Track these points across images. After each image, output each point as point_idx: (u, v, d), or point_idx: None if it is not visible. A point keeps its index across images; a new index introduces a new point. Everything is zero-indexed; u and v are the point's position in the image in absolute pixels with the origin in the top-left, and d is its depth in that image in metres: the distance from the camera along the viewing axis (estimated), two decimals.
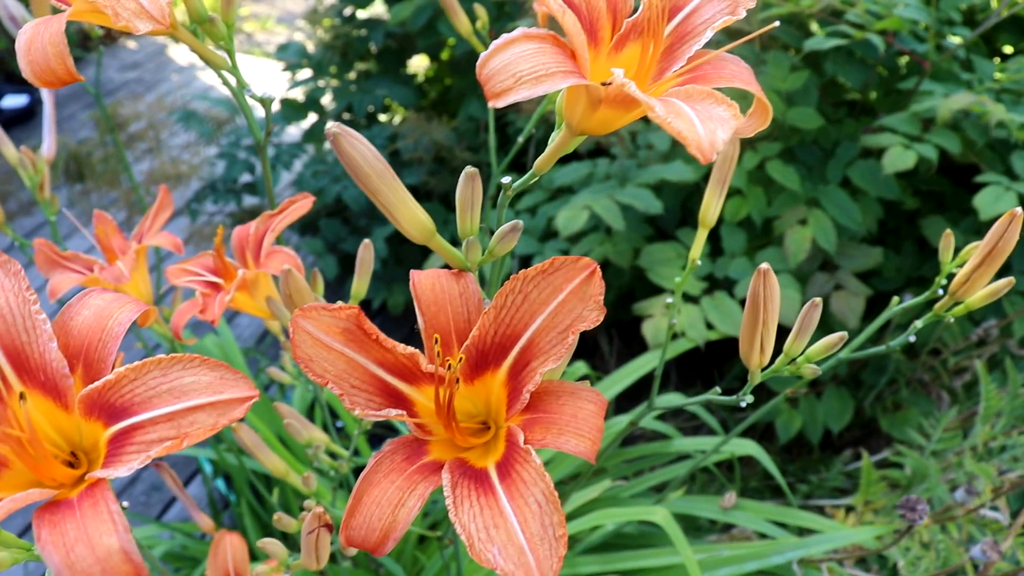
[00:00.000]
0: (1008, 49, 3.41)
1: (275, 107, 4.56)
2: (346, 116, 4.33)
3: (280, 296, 1.30)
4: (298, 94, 4.28)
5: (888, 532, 2.34)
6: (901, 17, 2.64)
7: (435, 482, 0.72)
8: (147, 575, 0.61)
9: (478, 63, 0.66)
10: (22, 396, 0.67)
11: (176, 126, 4.34)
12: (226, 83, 1.12)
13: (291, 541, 1.48)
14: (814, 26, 3.18)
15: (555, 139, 0.82)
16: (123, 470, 0.63)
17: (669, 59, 0.78)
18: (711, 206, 1.23)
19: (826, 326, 3.15)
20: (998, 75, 3.03)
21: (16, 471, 0.69)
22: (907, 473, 2.71)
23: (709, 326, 2.82)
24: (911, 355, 3.19)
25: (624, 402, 3.15)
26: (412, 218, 0.75)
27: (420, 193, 4.08)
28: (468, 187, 0.76)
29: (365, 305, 4.11)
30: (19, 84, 6.03)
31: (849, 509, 2.70)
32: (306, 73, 4.28)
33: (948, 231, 1.29)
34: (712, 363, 3.61)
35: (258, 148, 1.18)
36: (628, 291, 3.36)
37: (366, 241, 1.18)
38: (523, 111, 3.24)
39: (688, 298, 2.89)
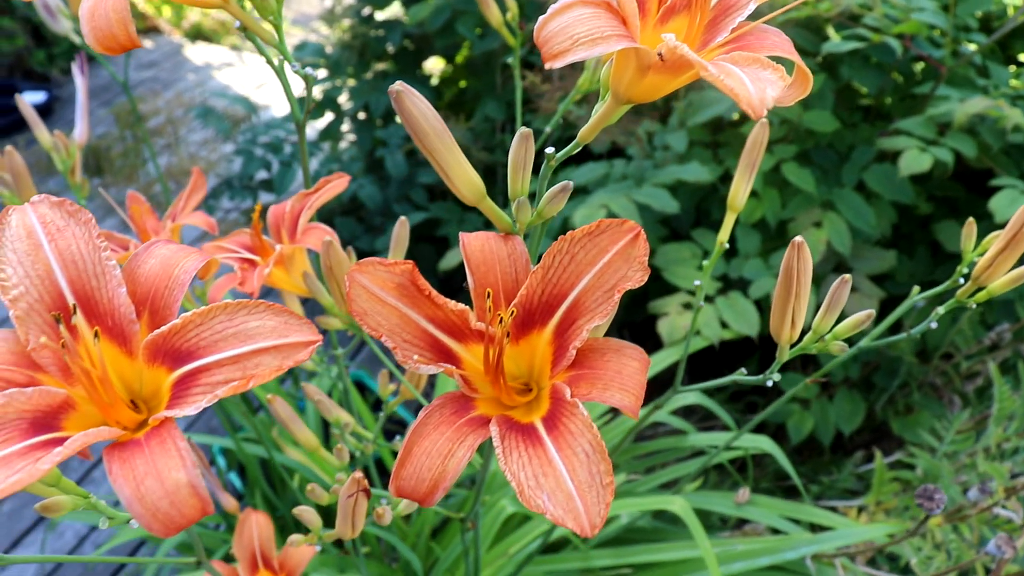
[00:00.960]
0: (1023, 56, 3.43)
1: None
2: (361, 116, 4.37)
3: (313, 272, 1.33)
4: (315, 93, 4.31)
5: (900, 530, 2.35)
6: (919, 21, 2.67)
7: (483, 434, 0.74)
8: (212, 510, 0.64)
9: (536, 26, 0.69)
10: (97, 335, 0.70)
11: (194, 123, 4.38)
12: (268, 61, 1.14)
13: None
14: (831, 31, 3.21)
15: (599, 109, 0.84)
16: (190, 409, 0.65)
17: (713, 31, 0.81)
18: (740, 190, 1.25)
19: None
20: (1014, 82, 3.06)
21: (82, 414, 0.71)
22: (919, 474, 2.72)
23: (723, 325, 2.84)
24: (923, 359, 3.20)
25: None
26: (465, 178, 0.78)
27: (436, 193, 4.11)
28: (521, 147, 0.78)
29: None
30: (37, 81, 6.09)
31: (860, 510, 2.71)
32: (322, 73, 4.32)
33: (971, 220, 1.31)
34: (723, 365, 3.62)
35: (297, 127, 1.20)
36: (641, 292, 3.38)
37: (402, 219, 1.21)
38: (541, 110, 3.27)
39: (704, 297, 2.91)
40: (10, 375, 0.67)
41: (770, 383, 1.16)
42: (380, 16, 4.30)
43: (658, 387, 3.18)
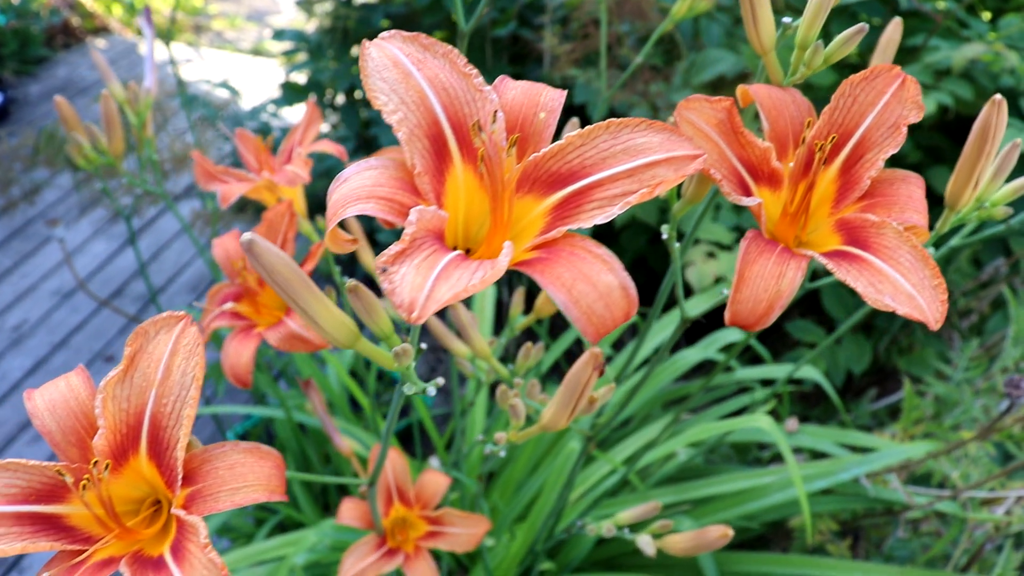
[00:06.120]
0: (987, 15, 3.65)
1: (275, 92, 4.57)
2: (340, 100, 4.37)
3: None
4: (300, 77, 4.29)
5: (940, 448, 2.48)
6: None
7: (803, 259, 0.79)
8: (636, 311, 0.67)
9: None
10: (509, 147, 0.72)
11: (178, 110, 4.33)
12: None
13: None
14: None
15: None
16: (599, 219, 0.68)
17: None
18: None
19: None
20: (991, 34, 3.26)
21: (449, 244, 0.73)
22: (929, 400, 2.87)
23: None
24: None
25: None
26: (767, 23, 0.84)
27: None
28: None
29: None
30: None
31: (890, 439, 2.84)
32: (302, 57, 4.30)
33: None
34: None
35: None
36: (650, 250, 3.48)
37: None
38: (557, 70, 3.34)
39: (721, 247, 3.03)
40: (401, 199, 0.69)
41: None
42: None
43: (699, 329, 3.28)
